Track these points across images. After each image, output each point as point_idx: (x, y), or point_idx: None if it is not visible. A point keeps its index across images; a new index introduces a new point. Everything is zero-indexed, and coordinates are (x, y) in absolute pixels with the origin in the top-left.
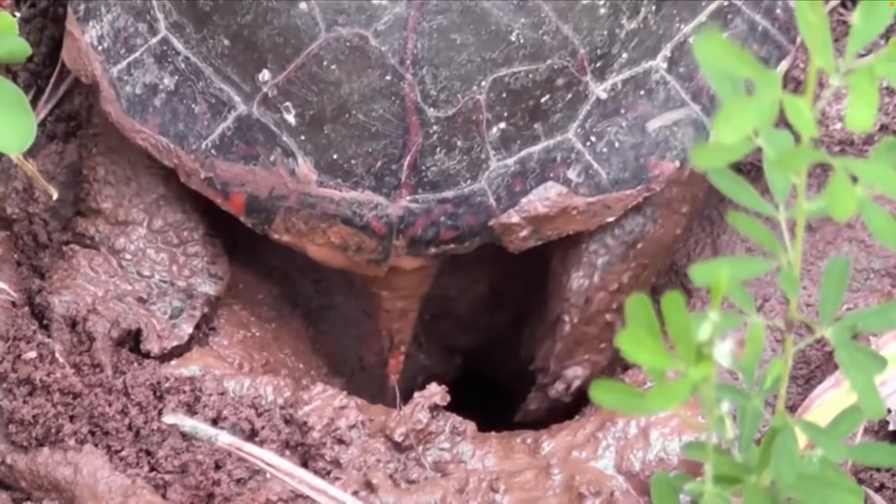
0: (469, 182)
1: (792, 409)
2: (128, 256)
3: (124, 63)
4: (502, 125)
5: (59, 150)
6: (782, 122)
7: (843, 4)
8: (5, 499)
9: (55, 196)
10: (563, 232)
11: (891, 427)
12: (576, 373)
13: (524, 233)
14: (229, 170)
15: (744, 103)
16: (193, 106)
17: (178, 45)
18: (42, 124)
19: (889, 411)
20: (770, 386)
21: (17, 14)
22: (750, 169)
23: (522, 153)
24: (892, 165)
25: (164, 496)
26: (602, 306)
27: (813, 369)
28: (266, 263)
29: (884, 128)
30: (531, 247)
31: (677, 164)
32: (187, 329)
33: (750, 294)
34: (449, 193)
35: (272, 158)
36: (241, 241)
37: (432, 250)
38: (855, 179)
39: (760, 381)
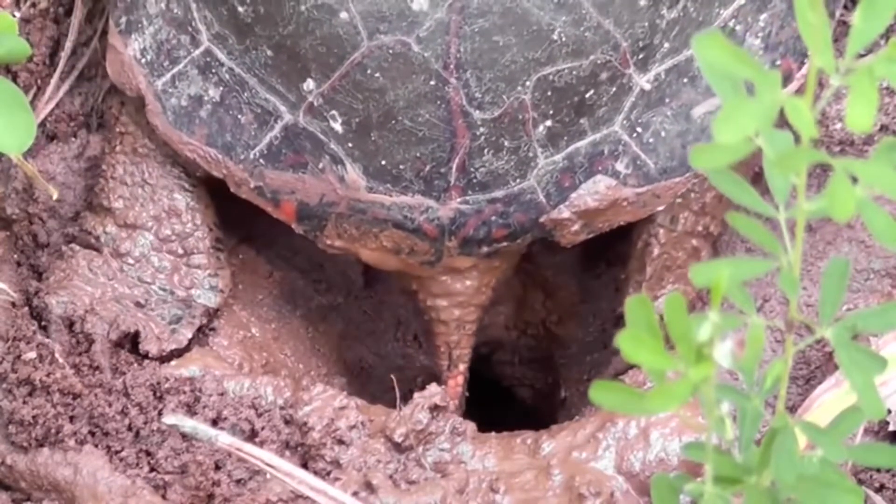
0: (518, 181)
1: (792, 409)
2: (130, 261)
3: (168, 75)
4: (548, 123)
5: (59, 150)
6: (782, 122)
7: (843, 5)
8: (5, 499)
9: (55, 196)
10: (614, 224)
11: (891, 427)
12: None
13: (576, 227)
14: (278, 178)
15: (744, 104)
16: (239, 116)
17: (222, 57)
18: (42, 124)
19: (889, 412)
20: (770, 386)
21: (17, 14)
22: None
23: (570, 149)
24: (892, 166)
25: (164, 497)
26: (688, 227)
27: (813, 370)
28: (266, 264)
29: (884, 128)
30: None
31: None
32: (187, 334)
33: (750, 294)
34: (499, 193)
35: (321, 166)
36: (242, 243)
37: (485, 249)
38: (855, 180)
39: (760, 381)
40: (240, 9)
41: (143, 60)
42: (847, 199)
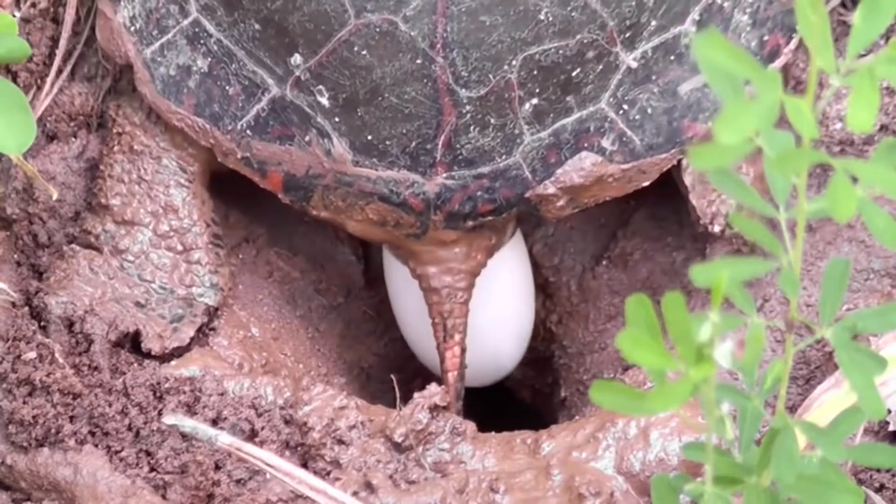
0: (504, 157)
1: (792, 409)
2: (130, 258)
3: (157, 44)
4: (534, 101)
5: (59, 150)
6: (783, 121)
7: (842, 4)
8: (5, 499)
9: (55, 196)
10: (600, 199)
11: (891, 427)
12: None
13: (561, 202)
14: (266, 149)
15: (745, 104)
16: (227, 87)
17: (210, 28)
18: (42, 124)
19: (889, 412)
20: (770, 386)
21: (17, 14)
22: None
23: (556, 125)
24: (893, 166)
25: (164, 497)
26: None
27: (813, 370)
28: (266, 264)
29: (884, 128)
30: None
31: (710, 124)
32: (189, 332)
33: (750, 294)
34: (484, 169)
35: (307, 139)
36: (242, 243)
37: (470, 223)
38: (855, 180)
39: (760, 381)
40: None
41: (133, 28)
42: (848, 199)
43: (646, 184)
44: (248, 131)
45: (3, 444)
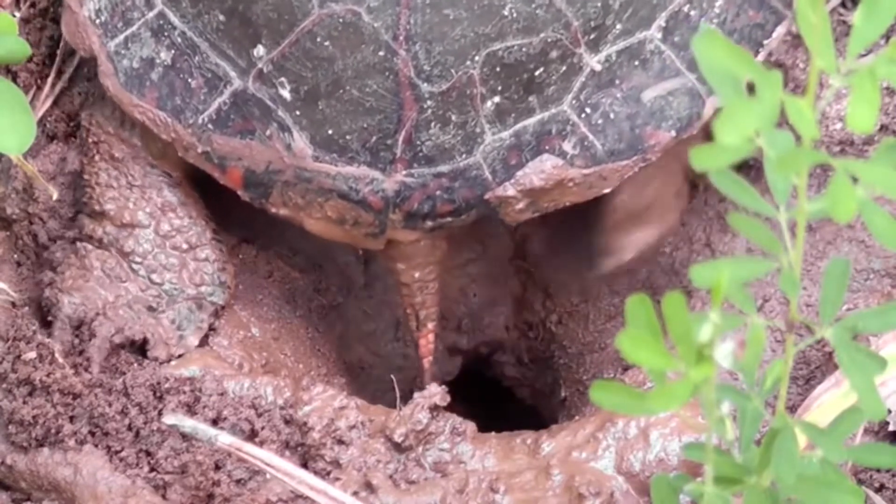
0: (464, 156)
1: (792, 409)
2: (137, 259)
3: (122, 37)
4: (497, 99)
5: (59, 150)
6: (783, 121)
7: (842, 4)
8: (5, 499)
9: (55, 196)
10: (560, 204)
11: (891, 428)
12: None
13: (520, 205)
14: (226, 144)
15: (746, 104)
16: (190, 80)
17: (175, 20)
18: (42, 124)
19: (889, 412)
20: (770, 386)
21: (17, 14)
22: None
23: (517, 126)
24: (893, 166)
25: (164, 497)
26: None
27: (813, 370)
28: (266, 264)
29: (884, 128)
30: (528, 218)
31: (673, 133)
32: (194, 341)
33: (750, 295)
34: (444, 167)
35: (268, 133)
36: (242, 243)
37: (429, 224)
38: (855, 180)
39: (761, 381)
40: None
41: (98, 21)
42: (848, 199)
43: (606, 190)
44: (210, 125)
45: (3, 444)
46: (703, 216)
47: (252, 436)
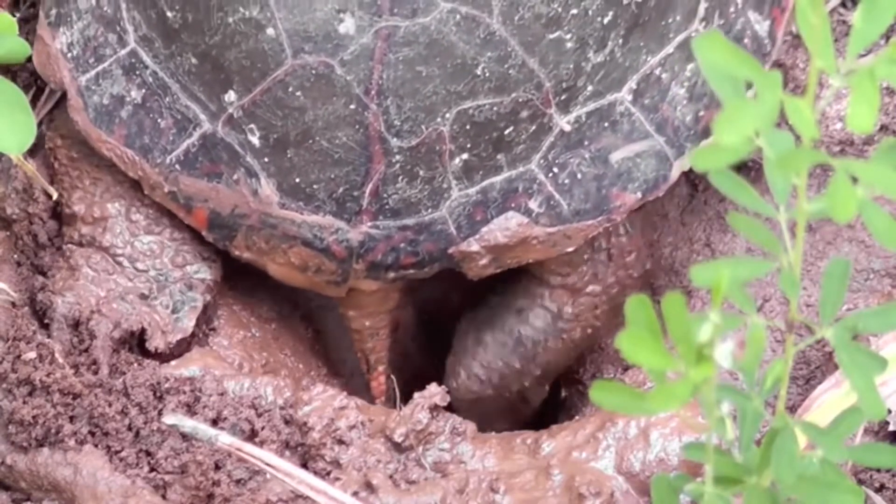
0: (430, 210)
1: (792, 409)
2: (118, 251)
3: (93, 73)
4: (465, 156)
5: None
6: (782, 121)
7: (842, 4)
8: (5, 499)
9: (55, 196)
10: (524, 260)
11: (891, 427)
12: None
13: (484, 261)
14: (193, 185)
15: (745, 105)
16: (159, 120)
17: (147, 59)
18: (42, 124)
19: (889, 412)
20: (770, 386)
21: (17, 14)
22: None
23: (484, 183)
24: (893, 167)
25: (164, 497)
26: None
27: (813, 370)
28: None
29: (884, 128)
30: (491, 274)
31: (639, 195)
32: (190, 322)
33: (750, 295)
34: (409, 221)
35: (235, 177)
36: None
37: (391, 275)
38: (855, 180)
39: (761, 381)
40: (168, 14)
41: (70, 55)
42: (848, 200)
43: (570, 249)
44: (177, 166)
45: (3, 444)
46: (703, 216)
47: (252, 436)
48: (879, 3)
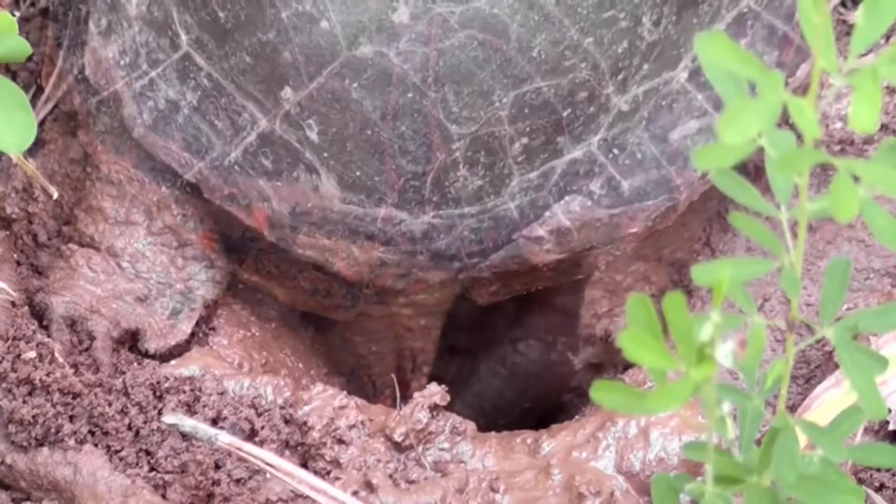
0: (492, 197)
1: (792, 408)
2: (126, 258)
3: (147, 79)
4: (525, 140)
5: (59, 150)
6: (783, 121)
7: (842, 3)
8: (5, 499)
9: (55, 196)
10: (587, 244)
11: (891, 427)
12: None
13: (548, 245)
14: (252, 185)
15: (748, 104)
16: (216, 122)
17: (200, 61)
18: (42, 124)
19: (889, 411)
20: (771, 386)
21: (17, 14)
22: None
23: (545, 167)
24: (894, 166)
25: (163, 496)
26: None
27: (813, 369)
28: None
29: (884, 128)
30: (556, 259)
31: (699, 172)
32: (186, 328)
33: (750, 294)
34: (472, 209)
35: (295, 175)
36: None
37: (456, 265)
38: (856, 180)
39: (761, 381)
40: (220, 14)
41: (122, 63)
42: (850, 199)
43: (633, 231)
44: (236, 167)
45: (3, 443)
46: (703, 216)
47: (252, 435)
48: (881, 3)
